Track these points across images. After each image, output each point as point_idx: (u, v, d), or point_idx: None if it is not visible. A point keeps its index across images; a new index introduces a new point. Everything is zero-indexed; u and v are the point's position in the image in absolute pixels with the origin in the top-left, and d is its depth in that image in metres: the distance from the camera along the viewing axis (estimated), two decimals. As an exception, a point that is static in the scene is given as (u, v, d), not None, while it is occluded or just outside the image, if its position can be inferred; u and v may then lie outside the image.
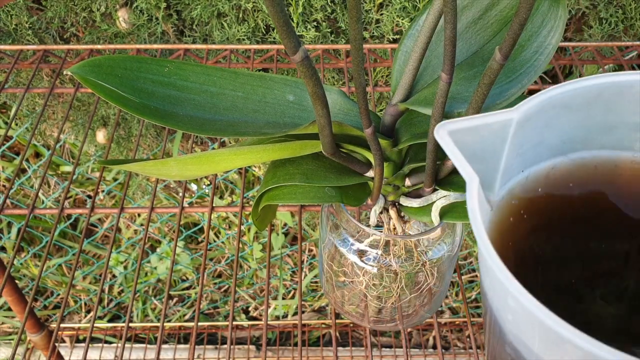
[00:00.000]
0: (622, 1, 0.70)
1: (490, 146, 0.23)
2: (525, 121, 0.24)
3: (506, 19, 0.35)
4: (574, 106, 0.25)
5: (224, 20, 0.71)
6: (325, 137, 0.29)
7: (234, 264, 0.48)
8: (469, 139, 0.23)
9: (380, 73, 0.76)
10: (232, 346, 1.11)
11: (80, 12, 0.71)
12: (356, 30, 0.23)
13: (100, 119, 0.85)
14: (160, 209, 0.53)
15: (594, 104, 0.26)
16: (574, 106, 0.25)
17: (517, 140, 0.24)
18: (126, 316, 0.47)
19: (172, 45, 0.67)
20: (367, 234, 0.38)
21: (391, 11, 0.68)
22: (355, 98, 0.30)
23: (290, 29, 0.22)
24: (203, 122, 0.32)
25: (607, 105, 0.26)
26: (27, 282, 1.11)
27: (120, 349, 0.51)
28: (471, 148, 0.22)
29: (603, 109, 0.26)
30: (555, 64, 0.69)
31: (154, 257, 1.09)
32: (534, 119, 0.24)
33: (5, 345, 1.13)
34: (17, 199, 1.07)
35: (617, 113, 0.26)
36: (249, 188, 0.99)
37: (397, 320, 0.43)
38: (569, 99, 0.25)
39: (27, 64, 0.66)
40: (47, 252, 0.48)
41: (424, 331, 1.13)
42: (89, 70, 0.30)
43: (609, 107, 0.26)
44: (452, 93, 0.31)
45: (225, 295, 1.15)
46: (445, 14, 0.24)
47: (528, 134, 0.25)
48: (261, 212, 0.38)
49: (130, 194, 0.96)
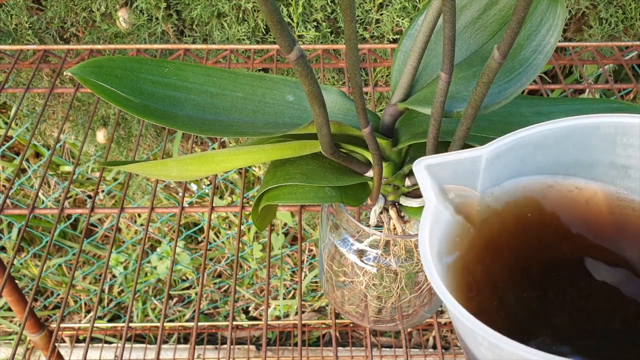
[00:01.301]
0: (622, 1, 0.70)
1: (463, 179, 0.26)
2: (496, 158, 0.26)
3: (505, 18, 0.35)
4: (547, 146, 0.27)
5: (224, 20, 0.71)
6: (323, 136, 0.29)
7: (234, 264, 0.48)
8: (445, 173, 0.25)
9: (380, 73, 0.76)
10: (232, 346, 1.11)
11: (80, 12, 0.71)
12: (350, 29, 0.23)
13: (100, 119, 0.85)
14: (160, 209, 0.53)
15: (566, 143, 0.27)
16: (547, 146, 0.27)
17: (491, 173, 0.26)
18: (126, 316, 0.47)
19: (172, 46, 0.67)
20: (367, 234, 0.38)
21: (391, 11, 0.68)
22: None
23: (284, 27, 0.22)
24: (203, 123, 0.32)
25: (579, 145, 0.27)
26: (27, 282, 1.11)
27: (120, 349, 0.51)
28: (447, 180, 0.26)
29: (576, 149, 0.27)
30: (555, 64, 0.69)
31: (154, 257, 1.09)
32: (505, 157, 0.26)
33: (5, 345, 1.13)
34: (17, 199, 1.07)
35: (590, 152, 0.27)
36: (249, 188, 1.00)
37: (397, 320, 0.43)
38: (540, 139, 0.26)
39: (27, 64, 0.66)
40: (47, 252, 0.49)
41: (424, 331, 1.13)
42: (88, 71, 0.30)
43: (581, 147, 0.27)
44: (451, 92, 0.31)
45: (225, 295, 1.15)
46: (444, 14, 0.24)
47: (502, 169, 0.27)
48: (261, 212, 0.38)
49: (130, 194, 0.96)
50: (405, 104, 0.32)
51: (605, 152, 0.27)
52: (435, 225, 0.24)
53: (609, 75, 0.75)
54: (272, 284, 1.11)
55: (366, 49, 0.67)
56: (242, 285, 1.12)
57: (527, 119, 0.37)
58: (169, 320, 1.14)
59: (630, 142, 0.26)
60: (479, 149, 0.25)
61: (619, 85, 0.65)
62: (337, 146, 0.32)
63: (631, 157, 0.26)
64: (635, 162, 0.26)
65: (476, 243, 0.26)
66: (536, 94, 0.80)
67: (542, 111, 0.37)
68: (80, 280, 1.12)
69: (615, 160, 0.27)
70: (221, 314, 1.15)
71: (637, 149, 0.26)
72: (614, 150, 0.27)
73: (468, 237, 0.26)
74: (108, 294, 1.13)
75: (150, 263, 1.10)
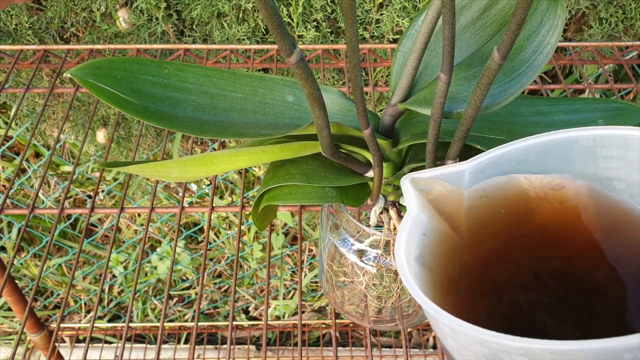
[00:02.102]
0: (622, 1, 0.70)
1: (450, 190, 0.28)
2: (480, 172, 0.27)
3: (505, 18, 0.35)
4: (530, 160, 0.27)
5: (224, 20, 0.71)
6: (323, 138, 0.29)
7: (234, 264, 0.48)
8: (433, 186, 0.27)
9: (380, 73, 0.76)
10: (232, 346, 1.11)
11: (80, 12, 0.71)
12: (351, 32, 0.23)
13: (100, 119, 0.85)
14: (160, 209, 0.53)
15: (548, 157, 0.27)
16: (529, 160, 0.27)
17: (478, 185, 0.27)
18: (126, 316, 0.47)
19: (172, 45, 0.67)
20: (367, 234, 0.38)
21: (391, 11, 0.68)
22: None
23: (285, 31, 0.22)
24: (203, 124, 0.32)
25: (560, 158, 0.27)
26: (27, 282, 1.11)
27: (120, 349, 0.51)
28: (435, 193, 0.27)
29: (558, 163, 0.27)
30: (555, 64, 0.69)
31: (154, 257, 1.09)
32: (489, 170, 0.27)
33: (5, 345, 1.13)
34: (17, 199, 1.07)
35: (573, 166, 0.27)
36: (249, 188, 1.00)
37: (397, 320, 0.43)
38: (521, 154, 0.27)
39: (27, 64, 0.66)
40: (47, 252, 0.49)
41: (424, 331, 1.13)
42: (88, 72, 0.30)
43: (563, 161, 0.27)
44: (451, 93, 0.31)
45: (225, 295, 1.15)
46: (444, 15, 0.24)
47: (488, 180, 0.28)
48: (262, 212, 0.38)
49: (130, 194, 0.96)
50: (405, 105, 0.32)
51: (588, 165, 0.27)
52: (415, 231, 0.25)
53: (609, 75, 0.75)
54: (272, 284, 1.12)
55: (366, 49, 0.67)
56: (242, 285, 1.12)
57: (528, 118, 0.37)
58: (169, 320, 1.14)
59: (610, 153, 0.26)
60: (462, 164, 0.27)
61: (619, 85, 0.65)
62: (337, 147, 0.32)
63: (613, 169, 0.26)
64: (617, 173, 0.26)
65: (458, 247, 0.26)
66: (536, 94, 0.80)
67: (542, 111, 0.37)
68: (80, 280, 1.12)
69: (598, 172, 0.27)
70: (221, 314, 1.15)
71: (618, 160, 0.26)
72: (596, 163, 0.27)
73: (450, 243, 0.26)
74: (108, 294, 1.13)
75: (150, 263, 1.10)
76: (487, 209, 0.27)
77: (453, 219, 0.27)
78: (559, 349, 0.18)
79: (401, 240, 0.25)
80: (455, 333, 0.21)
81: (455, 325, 0.20)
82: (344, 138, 0.33)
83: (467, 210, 0.27)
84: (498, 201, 0.27)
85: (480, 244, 0.27)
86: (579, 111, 0.37)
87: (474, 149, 0.33)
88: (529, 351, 0.18)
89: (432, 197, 0.27)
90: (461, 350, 0.22)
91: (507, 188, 0.27)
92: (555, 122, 0.37)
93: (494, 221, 0.27)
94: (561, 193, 0.27)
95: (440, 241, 0.26)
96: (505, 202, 0.27)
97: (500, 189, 0.27)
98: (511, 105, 0.37)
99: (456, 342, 0.22)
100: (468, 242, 0.27)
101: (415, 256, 0.25)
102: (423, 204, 0.26)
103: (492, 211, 0.27)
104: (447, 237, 0.27)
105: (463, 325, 0.20)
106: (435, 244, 0.26)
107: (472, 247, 0.26)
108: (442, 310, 0.21)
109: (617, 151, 0.26)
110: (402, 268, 0.23)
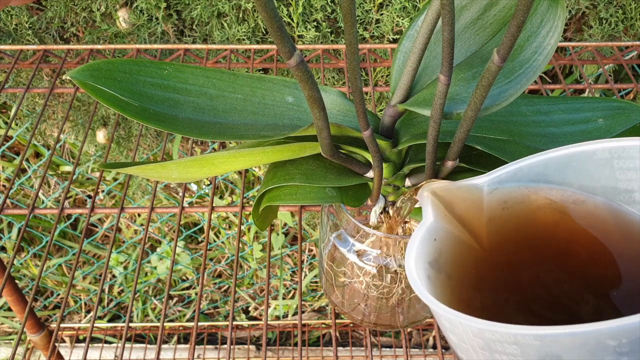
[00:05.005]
0: (622, 1, 0.70)
1: (470, 201, 0.28)
2: (499, 184, 0.27)
3: (505, 19, 0.35)
4: (549, 173, 0.27)
5: (224, 20, 0.71)
6: (323, 139, 0.29)
7: (234, 264, 0.48)
8: (451, 196, 0.28)
9: (380, 73, 0.76)
10: (232, 346, 1.11)
11: (80, 12, 0.71)
12: (351, 34, 0.23)
13: (100, 119, 0.85)
14: (160, 209, 0.53)
15: (566, 170, 0.27)
16: (548, 173, 0.27)
17: (497, 197, 0.28)
18: (126, 316, 0.47)
19: (172, 46, 0.67)
20: (367, 234, 0.38)
21: (391, 11, 0.68)
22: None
23: (285, 33, 0.22)
24: (202, 125, 0.32)
25: (579, 172, 0.27)
26: (27, 282, 1.11)
27: (120, 349, 0.51)
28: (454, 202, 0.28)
29: (577, 175, 0.27)
30: (555, 64, 0.69)
31: (154, 257, 1.09)
32: (508, 183, 0.27)
33: (5, 345, 1.13)
34: (17, 199, 1.07)
35: (592, 179, 0.27)
36: (249, 188, 0.99)
37: (397, 320, 0.43)
38: (541, 168, 0.27)
39: (27, 64, 0.66)
40: (47, 252, 0.49)
41: (424, 331, 1.13)
42: (87, 74, 0.30)
43: (582, 174, 0.27)
44: (451, 94, 0.31)
45: (225, 295, 1.15)
46: (443, 16, 0.24)
47: (508, 192, 0.28)
48: (262, 212, 0.38)
49: (130, 194, 0.96)
50: (405, 106, 0.32)
51: (607, 178, 0.27)
52: (428, 237, 0.26)
53: (609, 75, 0.75)
54: (272, 284, 1.12)
55: (366, 49, 0.67)
56: (242, 285, 1.12)
57: (528, 118, 0.37)
58: (169, 320, 1.14)
59: (627, 165, 0.26)
60: (479, 177, 0.27)
61: (619, 85, 0.65)
62: (337, 147, 0.32)
63: (631, 181, 0.26)
64: (637, 184, 0.26)
65: (478, 256, 0.26)
66: (536, 94, 0.79)
67: (542, 110, 0.37)
68: (80, 280, 1.12)
69: (617, 185, 0.27)
70: (221, 314, 1.16)
71: (635, 172, 0.26)
72: (614, 175, 0.26)
73: (470, 251, 0.26)
74: (108, 294, 1.13)
75: (150, 263, 1.10)
76: (509, 222, 0.27)
77: (473, 228, 0.27)
78: (544, 333, 0.18)
79: (413, 243, 0.25)
80: (453, 325, 0.22)
81: (450, 315, 0.21)
82: (344, 139, 0.33)
83: (487, 221, 0.27)
84: (519, 214, 0.27)
85: (501, 255, 0.27)
86: (579, 110, 0.37)
87: (474, 149, 0.33)
88: (518, 338, 0.19)
89: (452, 207, 0.27)
90: (460, 345, 0.22)
91: (528, 202, 0.27)
92: (555, 122, 0.37)
93: (515, 235, 0.27)
94: (583, 208, 0.27)
95: (459, 250, 0.27)
96: (527, 216, 0.27)
97: (521, 202, 0.27)
98: (511, 104, 0.37)
99: (455, 336, 0.22)
100: (489, 252, 0.27)
101: (430, 260, 0.25)
102: (442, 214, 0.27)
103: (514, 224, 0.27)
104: (466, 246, 0.27)
105: (457, 315, 0.21)
106: (453, 252, 0.26)
107: (492, 257, 0.27)
108: (439, 302, 0.21)
109: (634, 162, 0.26)
110: (409, 267, 0.24)
